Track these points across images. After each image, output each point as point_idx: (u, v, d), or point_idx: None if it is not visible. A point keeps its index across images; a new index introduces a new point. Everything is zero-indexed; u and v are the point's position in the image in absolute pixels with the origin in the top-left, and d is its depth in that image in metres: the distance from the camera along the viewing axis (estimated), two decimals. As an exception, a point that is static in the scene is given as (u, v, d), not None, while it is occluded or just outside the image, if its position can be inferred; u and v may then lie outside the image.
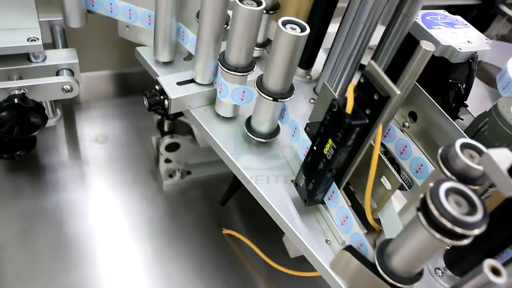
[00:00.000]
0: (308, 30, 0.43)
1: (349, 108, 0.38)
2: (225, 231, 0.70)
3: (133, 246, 0.67)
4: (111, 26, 0.65)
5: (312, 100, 0.62)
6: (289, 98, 0.48)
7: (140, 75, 0.91)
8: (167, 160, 0.74)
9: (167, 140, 0.69)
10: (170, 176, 0.74)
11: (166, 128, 0.71)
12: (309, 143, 0.47)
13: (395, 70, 0.55)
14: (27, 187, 0.71)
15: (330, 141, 0.41)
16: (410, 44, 0.55)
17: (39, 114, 0.56)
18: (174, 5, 0.54)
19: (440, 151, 0.37)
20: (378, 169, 0.43)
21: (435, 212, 0.30)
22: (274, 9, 0.60)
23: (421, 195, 0.33)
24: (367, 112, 0.38)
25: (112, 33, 0.65)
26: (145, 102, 0.54)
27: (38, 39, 0.57)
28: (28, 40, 0.57)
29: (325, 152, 0.41)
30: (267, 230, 0.67)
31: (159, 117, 0.72)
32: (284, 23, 0.43)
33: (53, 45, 0.67)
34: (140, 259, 0.65)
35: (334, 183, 0.44)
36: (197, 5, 0.57)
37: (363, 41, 0.52)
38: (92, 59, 0.85)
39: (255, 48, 0.60)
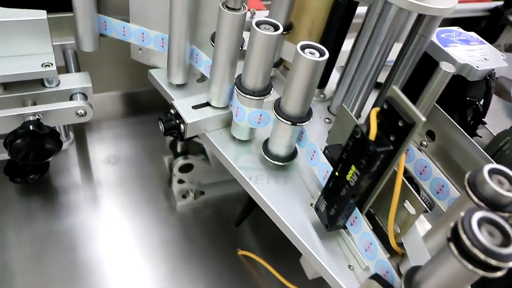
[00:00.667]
0: (327, 55, 0.43)
1: (372, 135, 0.38)
2: (241, 252, 0.69)
3: (146, 269, 0.66)
4: (120, 47, 0.65)
5: (327, 120, 0.61)
6: (307, 122, 0.48)
7: (149, 94, 0.91)
8: (180, 181, 0.74)
9: (180, 161, 0.69)
10: (184, 196, 0.74)
11: (179, 149, 0.70)
12: (329, 167, 0.47)
13: (411, 89, 0.55)
14: (40, 210, 0.70)
15: (353, 167, 0.40)
16: (426, 62, 0.55)
17: (54, 139, 0.56)
18: (188, 28, 0.54)
19: (467, 176, 0.37)
20: (401, 193, 0.42)
21: (468, 243, 0.30)
22: (287, 30, 0.60)
23: (451, 224, 0.32)
24: (391, 138, 0.38)
25: (121, 54, 0.65)
26: (160, 127, 0.54)
27: (52, 64, 0.57)
28: (42, 66, 0.56)
29: (348, 178, 0.41)
30: (282, 250, 0.66)
31: (172, 138, 0.72)
32: (303, 48, 0.43)
33: (65, 69, 0.66)
34: (154, 282, 0.65)
35: (356, 208, 0.44)
36: (210, 28, 0.57)
37: (380, 61, 0.51)
38: (101, 80, 0.84)
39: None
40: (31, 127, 0.54)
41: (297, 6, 0.59)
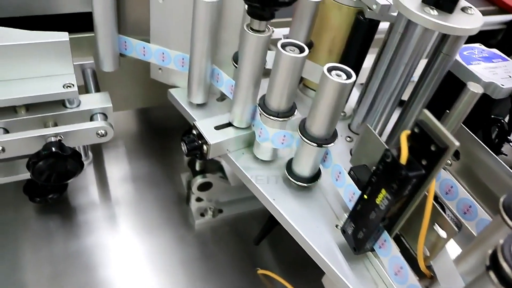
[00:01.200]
0: (354, 77, 0.42)
1: (403, 159, 0.37)
2: (260, 271, 0.69)
3: (166, 289, 0.66)
4: (134, 65, 0.65)
5: (348, 138, 0.61)
6: (333, 144, 0.47)
7: (163, 111, 0.91)
8: (198, 199, 0.73)
9: (199, 180, 0.68)
10: (202, 215, 0.74)
11: (197, 167, 0.70)
12: (355, 188, 0.46)
13: (435, 107, 0.55)
14: (59, 230, 0.70)
15: (383, 191, 0.39)
16: (450, 80, 0.54)
17: (76, 161, 0.56)
18: (210, 47, 0.54)
19: (502, 200, 0.36)
20: (431, 216, 0.41)
21: (509, 271, 0.29)
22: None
23: (489, 251, 0.31)
24: (423, 163, 0.37)
25: (135, 72, 0.65)
26: (183, 148, 0.54)
27: (73, 85, 0.57)
28: (63, 87, 0.56)
29: (377, 202, 0.40)
30: (302, 268, 0.65)
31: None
32: (329, 70, 0.43)
33: (85, 88, 0.67)
34: (174, 302, 0.64)
35: (385, 231, 0.43)
36: (231, 47, 0.57)
37: (405, 80, 0.51)
38: (116, 97, 0.84)
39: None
40: (53, 148, 0.54)
41: (318, 24, 0.59)
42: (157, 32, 0.59)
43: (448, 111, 0.54)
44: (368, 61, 0.60)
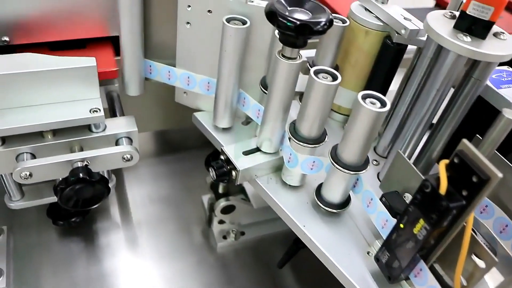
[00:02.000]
0: (388, 105, 0.42)
1: (443, 189, 0.37)
2: (284, 295, 0.68)
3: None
4: (155, 86, 0.65)
5: (375, 162, 0.61)
6: (365, 171, 0.47)
7: (181, 132, 0.91)
8: (221, 221, 0.73)
9: (223, 203, 0.68)
10: (224, 237, 0.73)
11: (220, 190, 0.70)
12: (388, 215, 0.46)
13: (464, 131, 0.54)
14: (81, 253, 0.70)
15: (422, 221, 0.39)
16: (479, 105, 0.54)
17: (103, 186, 0.56)
18: (237, 72, 0.54)
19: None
20: (469, 246, 0.41)
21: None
22: (333, 72, 0.59)
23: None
24: (463, 193, 0.37)
25: (153, 93, 0.64)
26: (211, 173, 0.54)
27: (99, 110, 0.57)
28: (90, 112, 0.56)
29: (415, 232, 0.40)
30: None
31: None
32: (364, 97, 0.43)
33: (109, 112, 0.67)
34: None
35: (422, 260, 0.43)
36: (257, 72, 0.57)
37: (436, 105, 0.50)
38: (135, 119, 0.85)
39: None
40: (81, 174, 0.54)
41: (344, 48, 0.59)
42: (183, 56, 0.59)
43: (478, 135, 0.54)
44: (393, 82, 0.60)
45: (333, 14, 0.45)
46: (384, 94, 0.59)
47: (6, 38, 0.59)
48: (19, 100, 0.54)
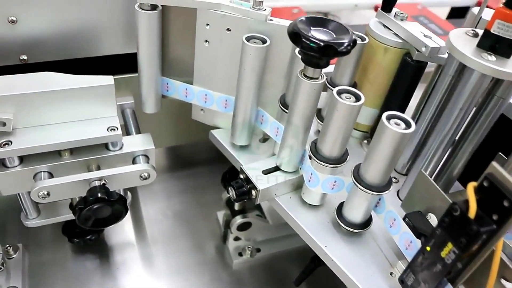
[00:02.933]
0: (413, 127, 0.42)
1: (472, 213, 0.36)
2: (301, 314, 0.67)
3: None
4: (166, 103, 0.64)
5: (394, 179, 0.60)
6: (388, 191, 0.46)
7: (193, 147, 0.91)
8: (236, 238, 0.72)
9: (239, 220, 0.68)
10: (240, 254, 0.73)
11: (237, 207, 0.69)
12: (412, 237, 0.45)
13: (486, 148, 0.54)
14: (96, 270, 0.69)
15: (450, 245, 0.38)
16: (502, 122, 0.53)
17: (121, 205, 0.55)
18: (256, 90, 0.54)
19: None
20: (499, 269, 0.40)
21: None
22: (351, 89, 0.59)
23: None
24: (494, 217, 0.36)
25: (165, 109, 0.64)
26: (231, 193, 0.53)
27: (117, 128, 0.57)
28: (108, 130, 0.56)
29: (443, 256, 0.39)
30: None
31: (228, 195, 0.71)
32: (388, 118, 0.42)
33: (125, 129, 0.66)
34: None
35: (449, 283, 0.42)
36: (276, 89, 0.57)
37: (459, 123, 0.50)
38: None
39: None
40: (99, 194, 0.54)
41: (363, 65, 0.59)
42: (200, 74, 0.59)
43: (501, 153, 0.53)
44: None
45: (344, 24, 0.45)
46: (404, 111, 0.59)
47: (24, 57, 0.60)
48: (37, 119, 0.54)
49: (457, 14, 1.32)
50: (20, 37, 0.58)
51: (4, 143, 0.52)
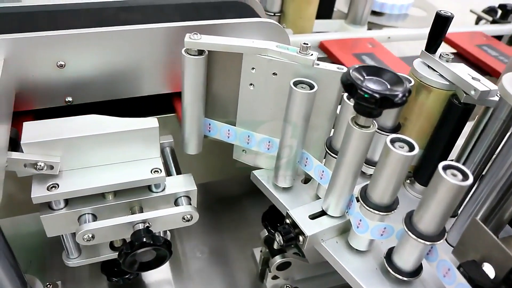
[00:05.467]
0: (471, 179, 0.40)
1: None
2: None
3: None
4: None
5: (441, 222, 0.59)
6: (442, 241, 0.45)
7: (224, 184, 0.91)
8: (275, 277, 0.71)
9: (279, 260, 0.67)
10: (278, 293, 0.72)
11: (276, 246, 0.68)
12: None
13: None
14: (134, 310, 0.69)
15: (516, 301, 0.37)
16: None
17: (166, 249, 0.55)
18: (302, 134, 0.54)
19: None
20: None
21: None
22: (395, 130, 0.58)
23: None
24: None
25: None
26: (277, 238, 0.53)
27: (161, 170, 0.57)
28: (151, 172, 0.56)
29: (508, 312, 0.38)
30: None
31: (266, 233, 0.70)
32: (445, 168, 0.41)
33: (165, 168, 0.66)
34: None
35: None
36: (321, 132, 0.57)
37: (516, 169, 0.49)
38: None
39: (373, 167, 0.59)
40: (145, 239, 0.53)
41: (407, 106, 0.58)
42: (244, 116, 0.59)
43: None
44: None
45: (398, 74, 0.44)
46: (449, 153, 0.58)
47: (70, 99, 0.60)
48: (83, 161, 0.55)
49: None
50: (67, 80, 0.59)
51: (52, 186, 0.53)
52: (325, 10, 1.18)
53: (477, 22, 1.46)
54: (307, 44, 0.51)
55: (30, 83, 0.57)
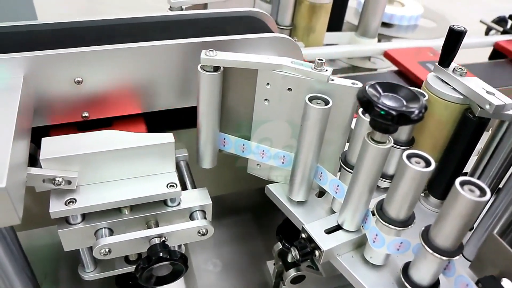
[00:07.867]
0: (489, 194, 0.41)
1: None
2: None
3: None
4: None
5: (456, 235, 0.59)
6: (459, 256, 0.45)
7: (236, 197, 0.91)
8: (288, 290, 0.71)
9: (293, 273, 0.67)
10: (292, 306, 0.71)
11: (290, 259, 0.69)
12: (487, 304, 0.44)
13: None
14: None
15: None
16: None
17: (183, 263, 0.55)
18: (317, 148, 0.54)
19: None
20: None
21: None
22: (409, 144, 0.59)
23: None
24: None
25: None
26: (293, 253, 0.53)
27: (176, 185, 0.57)
28: (167, 187, 0.57)
29: (527, 330, 0.38)
30: None
31: (280, 246, 0.70)
32: (462, 184, 0.41)
33: (180, 182, 0.67)
34: None
35: None
36: (335, 146, 0.57)
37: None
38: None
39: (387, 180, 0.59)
40: (161, 254, 0.54)
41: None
42: (259, 131, 0.59)
43: None
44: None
45: (413, 89, 0.45)
46: (464, 166, 0.58)
47: (86, 114, 0.61)
48: (100, 176, 0.55)
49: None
50: (84, 96, 0.59)
51: (69, 201, 0.53)
52: (335, 22, 1.18)
53: (487, 33, 1.46)
54: (322, 60, 0.51)
55: (48, 99, 0.58)
